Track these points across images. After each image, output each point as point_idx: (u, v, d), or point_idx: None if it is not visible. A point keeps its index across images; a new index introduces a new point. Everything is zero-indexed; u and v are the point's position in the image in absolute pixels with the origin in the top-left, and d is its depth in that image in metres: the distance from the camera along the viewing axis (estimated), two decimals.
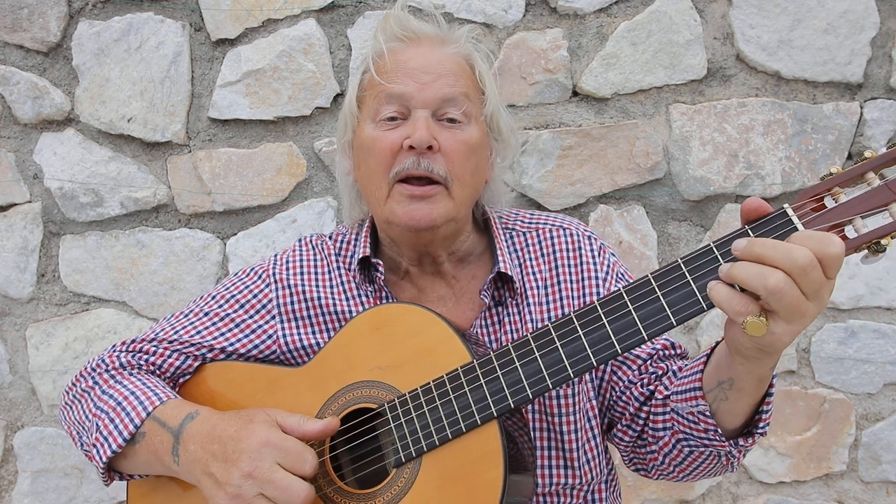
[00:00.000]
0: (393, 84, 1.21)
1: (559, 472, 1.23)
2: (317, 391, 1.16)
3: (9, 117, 2.13)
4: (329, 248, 1.36)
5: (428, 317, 1.11)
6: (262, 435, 1.02)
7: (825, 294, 0.85)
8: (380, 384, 1.11)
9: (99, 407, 1.19)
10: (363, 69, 1.29)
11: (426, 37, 1.26)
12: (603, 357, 0.99)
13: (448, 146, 1.20)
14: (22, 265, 2.15)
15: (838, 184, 0.90)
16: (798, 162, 2.03)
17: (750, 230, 0.91)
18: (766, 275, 0.82)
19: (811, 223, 0.89)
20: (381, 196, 1.22)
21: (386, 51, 1.24)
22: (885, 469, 2.13)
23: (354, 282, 1.30)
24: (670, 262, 0.96)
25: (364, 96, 1.27)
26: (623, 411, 1.25)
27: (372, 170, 1.22)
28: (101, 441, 1.15)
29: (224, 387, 1.25)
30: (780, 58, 2.02)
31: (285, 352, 1.28)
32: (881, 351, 2.09)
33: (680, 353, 1.28)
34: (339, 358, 1.16)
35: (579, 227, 1.35)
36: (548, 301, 1.27)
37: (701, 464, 1.15)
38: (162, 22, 2.06)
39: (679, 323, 0.94)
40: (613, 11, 2.04)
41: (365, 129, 1.25)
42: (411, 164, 1.18)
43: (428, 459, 1.06)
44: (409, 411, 1.07)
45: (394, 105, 1.21)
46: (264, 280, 1.33)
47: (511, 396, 1.02)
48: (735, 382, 0.99)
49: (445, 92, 1.21)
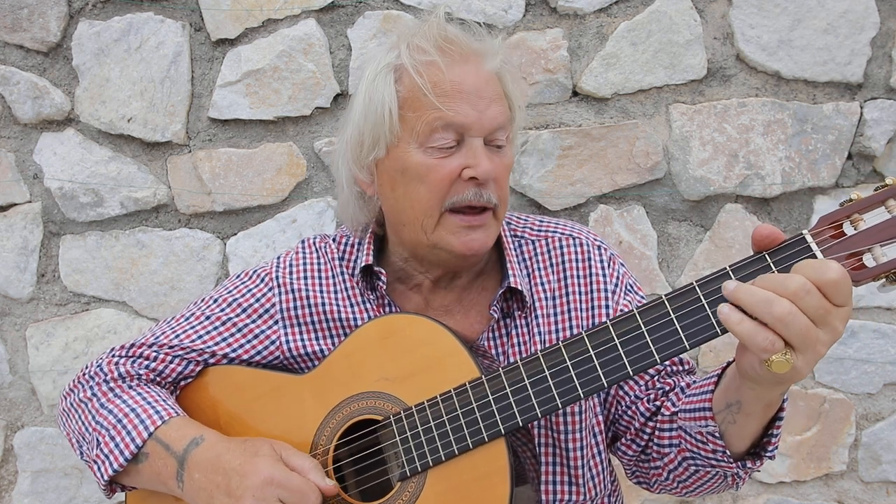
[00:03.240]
0: (451, 112, 1.13)
1: (563, 488, 1.21)
2: (321, 400, 1.15)
3: (9, 117, 2.13)
4: (332, 251, 1.33)
5: (436, 329, 1.10)
6: (267, 472, 1.02)
7: (836, 322, 0.83)
8: (386, 395, 1.10)
9: (98, 422, 1.17)
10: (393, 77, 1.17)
11: (471, 52, 1.18)
12: (614, 379, 0.98)
13: (498, 173, 1.18)
14: (22, 265, 2.15)
15: (858, 210, 0.88)
16: (798, 162, 2.03)
17: (768, 256, 0.89)
18: (772, 301, 0.81)
19: (830, 251, 0.88)
20: (430, 224, 1.17)
21: (443, 65, 1.13)
22: (885, 469, 2.13)
23: (358, 288, 1.28)
24: (685, 285, 0.94)
25: (408, 115, 1.16)
26: (628, 426, 1.23)
27: (422, 197, 1.16)
28: (101, 458, 1.14)
29: (226, 392, 1.24)
30: (780, 58, 2.02)
31: (288, 357, 1.27)
32: (881, 351, 2.09)
33: (687, 369, 1.26)
34: (344, 367, 1.15)
35: (589, 235, 1.33)
36: (556, 313, 1.26)
37: (706, 482, 1.14)
38: (162, 22, 2.06)
39: (692, 347, 0.93)
40: (613, 11, 2.04)
41: (410, 153, 1.16)
42: (473, 197, 1.15)
43: (433, 474, 1.05)
44: (415, 424, 1.06)
45: (451, 133, 1.14)
46: (267, 283, 1.30)
47: (520, 414, 1.01)
48: (743, 406, 0.97)
49: (499, 121, 1.17)
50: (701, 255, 2.09)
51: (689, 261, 2.10)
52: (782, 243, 0.89)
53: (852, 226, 0.89)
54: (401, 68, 1.17)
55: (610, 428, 1.28)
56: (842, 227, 0.89)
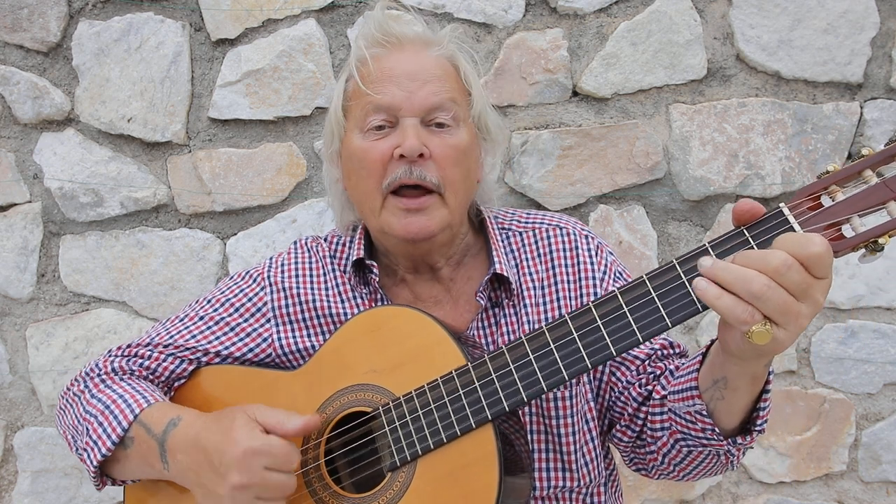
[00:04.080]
0: (379, 94, 1.19)
1: (557, 474, 1.22)
2: (311, 394, 1.15)
3: (9, 117, 2.13)
4: (324, 249, 1.36)
5: (422, 319, 1.11)
6: (245, 442, 1.02)
7: (817, 294, 0.84)
8: (374, 387, 1.11)
9: (88, 411, 1.19)
10: (345, 76, 1.27)
11: (409, 40, 1.24)
12: (598, 359, 0.98)
13: (438, 152, 1.19)
14: (22, 265, 2.16)
15: (835, 182, 0.89)
16: (798, 162, 2.03)
17: (746, 231, 0.90)
18: (749, 278, 0.82)
19: (808, 222, 0.88)
20: (375, 207, 1.21)
21: (369, 57, 1.21)
22: (885, 469, 2.13)
23: (349, 283, 1.30)
24: (666, 262, 0.95)
25: (350, 105, 1.25)
26: (622, 412, 1.24)
27: (363, 181, 1.21)
28: (91, 445, 1.15)
29: (219, 391, 1.25)
30: (780, 58, 2.02)
31: (280, 355, 1.28)
32: (881, 351, 2.09)
33: (679, 353, 1.28)
34: (333, 361, 1.16)
35: (576, 225, 1.34)
36: (545, 301, 1.27)
37: (700, 463, 1.15)
38: (162, 22, 2.06)
39: (674, 324, 0.94)
40: (613, 11, 2.04)
41: (353, 140, 1.23)
42: (403, 174, 1.17)
43: (423, 463, 1.05)
44: (403, 414, 1.07)
45: (381, 115, 1.20)
46: (259, 283, 1.32)
47: (506, 399, 1.02)
48: (729, 381, 0.98)
49: (433, 100, 1.19)
50: None
51: None
52: (760, 217, 0.90)
53: (829, 197, 0.89)
54: (348, 66, 1.28)
55: (605, 415, 1.29)
56: (819, 199, 0.89)
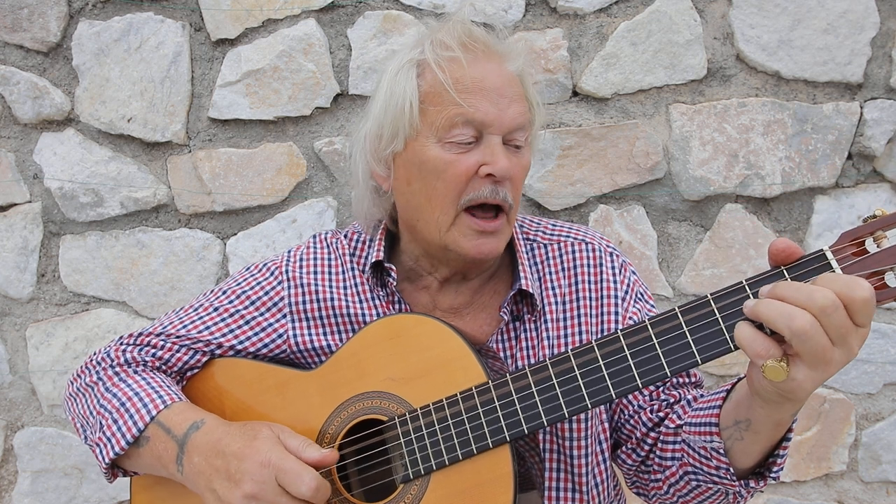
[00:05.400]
0: (472, 108, 1.13)
1: (567, 495, 1.20)
2: (326, 397, 1.14)
3: (9, 117, 2.13)
4: (344, 247, 1.33)
5: (444, 331, 1.09)
6: (264, 454, 1.02)
7: (853, 342, 0.81)
8: (391, 396, 1.10)
9: (102, 405, 1.18)
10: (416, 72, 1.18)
11: (493, 50, 1.19)
12: (623, 391, 0.97)
13: (515, 173, 1.17)
14: (22, 265, 2.15)
15: (882, 227, 0.87)
16: (798, 162, 2.03)
17: (787, 272, 0.88)
18: (793, 315, 0.79)
19: (851, 268, 0.86)
20: (445, 221, 1.17)
21: (465, 62, 1.14)
22: (885, 469, 2.13)
23: (368, 284, 1.28)
24: (699, 297, 0.93)
25: (429, 109, 1.16)
26: (630, 434, 1.22)
27: (438, 193, 1.16)
28: (104, 441, 1.15)
29: (232, 384, 1.24)
30: (780, 58, 2.02)
31: (295, 352, 1.27)
32: (881, 351, 2.09)
33: (694, 382, 1.25)
34: (350, 365, 1.15)
35: (602, 241, 1.32)
36: (565, 318, 1.25)
37: (706, 499, 1.12)
38: (162, 22, 2.06)
39: (704, 362, 0.92)
40: (613, 11, 2.04)
41: (429, 147, 1.16)
42: (489, 193, 1.15)
43: (436, 478, 1.05)
44: (419, 427, 1.06)
45: (470, 129, 1.14)
46: (276, 277, 1.30)
47: (525, 422, 1.01)
48: (752, 424, 0.95)
49: (519, 121, 1.17)
50: (701, 255, 2.09)
51: (689, 261, 2.10)
52: (801, 258, 0.87)
53: (875, 243, 0.86)
54: (424, 63, 1.18)
55: (612, 435, 1.27)
56: (864, 245, 0.87)
